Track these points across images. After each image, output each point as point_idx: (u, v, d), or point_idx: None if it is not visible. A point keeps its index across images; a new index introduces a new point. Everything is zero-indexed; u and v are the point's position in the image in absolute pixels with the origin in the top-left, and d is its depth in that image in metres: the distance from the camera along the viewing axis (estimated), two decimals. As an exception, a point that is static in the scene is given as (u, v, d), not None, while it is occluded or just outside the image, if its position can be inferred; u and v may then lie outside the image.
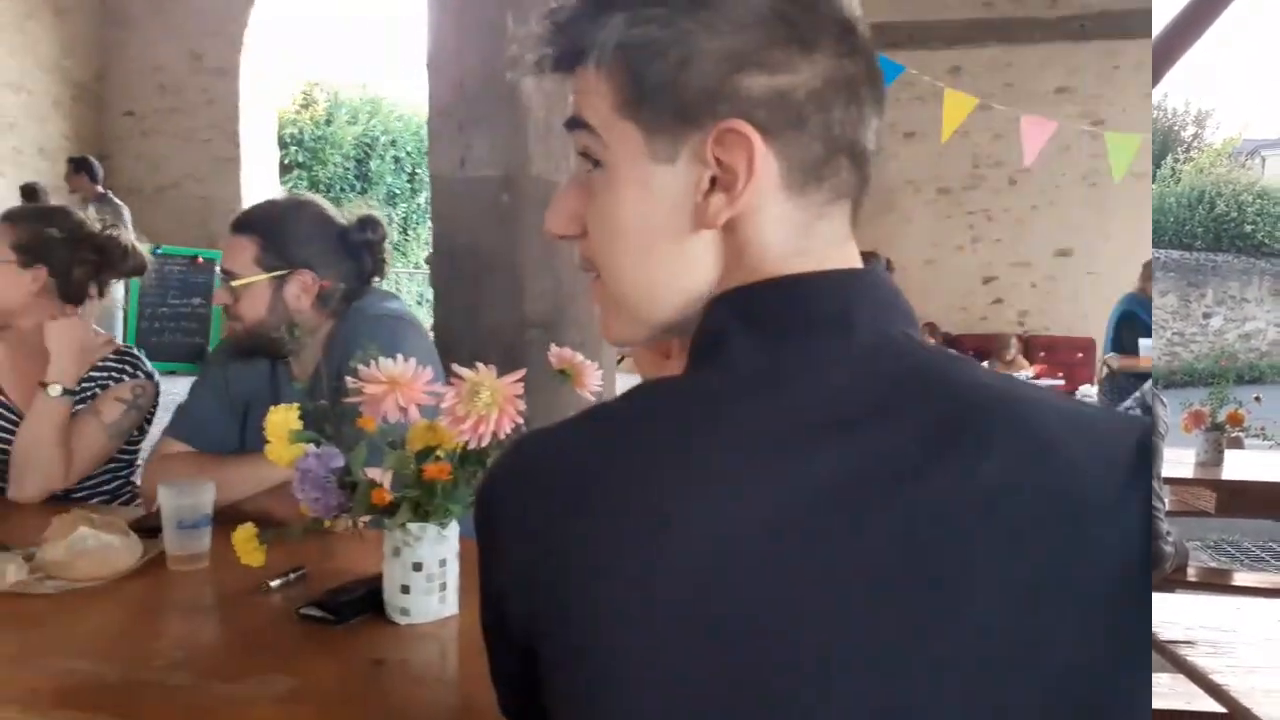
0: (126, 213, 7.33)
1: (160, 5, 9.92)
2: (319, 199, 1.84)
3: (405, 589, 1.23)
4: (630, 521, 0.52)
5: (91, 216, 2.00)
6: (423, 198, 14.16)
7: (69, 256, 1.91)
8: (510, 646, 0.59)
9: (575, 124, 0.64)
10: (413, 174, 13.89)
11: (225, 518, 1.49)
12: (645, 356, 0.77)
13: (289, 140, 12.25)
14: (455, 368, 1.16)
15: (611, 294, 0.66)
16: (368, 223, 1.77)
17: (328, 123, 13.02)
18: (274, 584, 1.35)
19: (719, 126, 0.58)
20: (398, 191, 13.74)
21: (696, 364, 0.61)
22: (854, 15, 0.61)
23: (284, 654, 1.15)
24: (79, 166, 7.50)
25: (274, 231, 1.70)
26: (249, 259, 1.68)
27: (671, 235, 0.61)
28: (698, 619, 0.51)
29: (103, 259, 1.95)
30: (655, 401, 0.58)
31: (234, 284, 1.67)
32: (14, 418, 1.93)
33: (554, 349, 1.26)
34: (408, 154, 13.85)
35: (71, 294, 1.94)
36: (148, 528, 1.52)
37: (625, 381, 0.87)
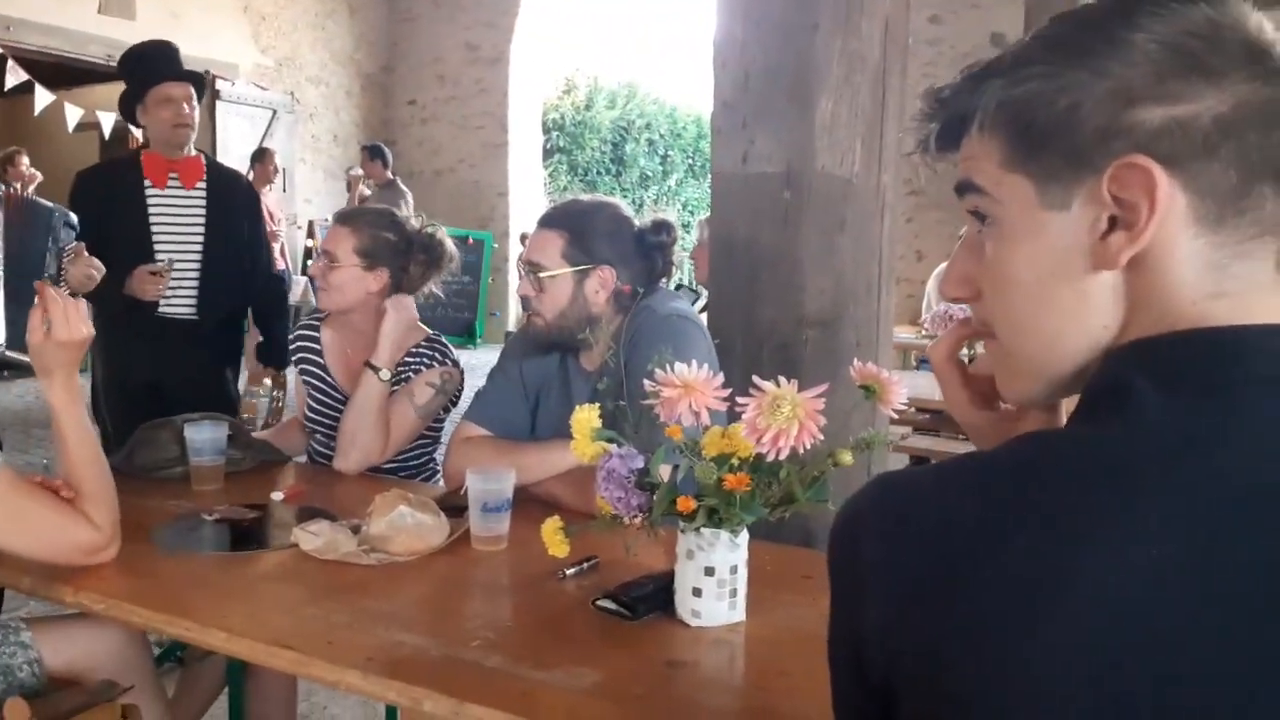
0: (409, 196, 7.95)
1: (442, 0, 10.63)
2: (619, 201, 1.91)
3: (697, 592, 1.25)
4: (1022, 577, 0.51)
5: (409, 218, 2.17)
6: (673, 179, 14.40)
7: (405, 259, 2.10)
8: (865, 687, 0.59)
9: (965, 188, 0.64)
10: (665, 157, 14.15)
11: (516, 499, 1.59)
12: (987, 427, 0.74)
13: (551, 125, 12.80)
14: (757, 380, 1.16)
15: (1010, 351, 0.65)
16: (662, 226, 1.83)
17: (587, 108, 13.50)
18: (569, 572, 1.41)
19: (1115, 163, 0.55)
20: (650, 174, 14.05)
21: (1091, 419, 0.58)
22: (1268, 39, 0.56)
23: (586, 645, 1.21)
24: (373, 153, 8.18)
25: (580, 228, 1.78)
26: (556, 253, 1.76)
27: (1069, 281, 0.59)
28: (1096, 686, 0.48)
29: (430, 259, 2.13)
30: (1047, 454, 0.56)
31: (541, 275, 1.76)
32: (339, 396, 2.15)
33: (857, 364, 1.23)
34: (660, 137, 14.12)
35: (406, 291, 2.13)
36: (451, 506, 1.63)
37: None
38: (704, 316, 2.07)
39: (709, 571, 1.24)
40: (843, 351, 2.02)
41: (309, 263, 8.84)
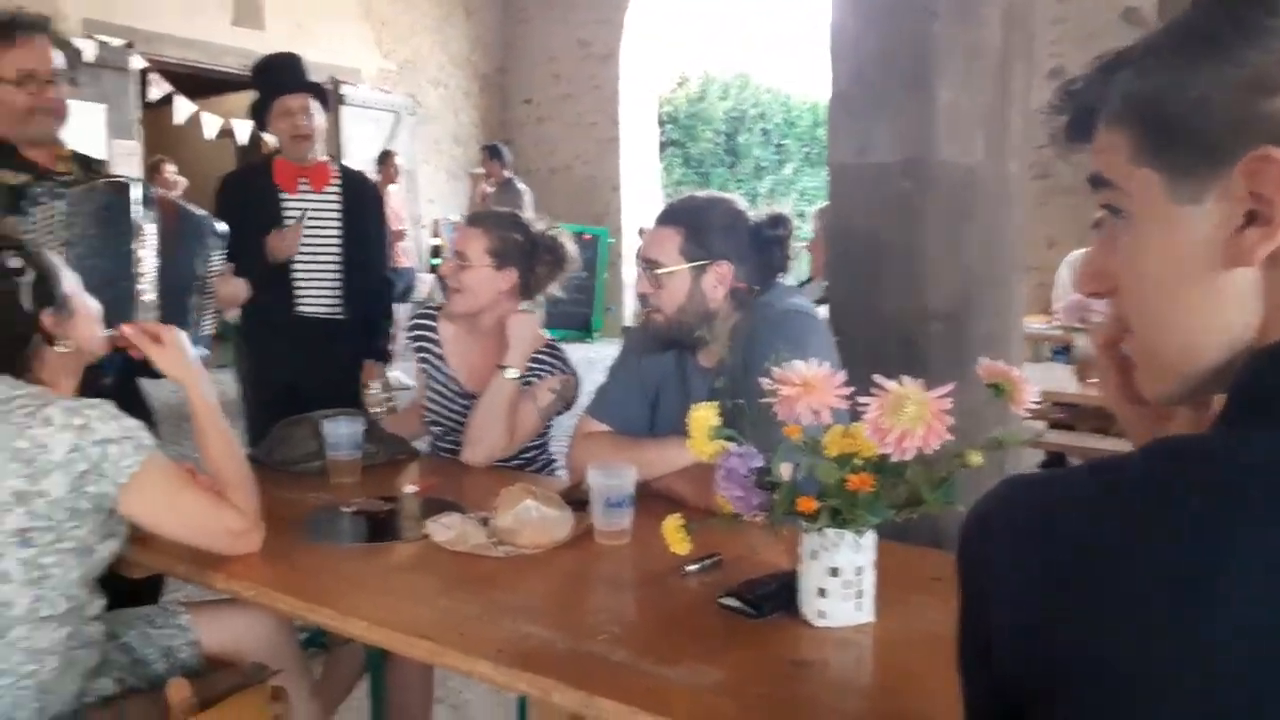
0: (527, 195, 8.10)
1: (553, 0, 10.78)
2: (734, 196, 1.91)
3: (822, 592, 1.24)
4: (1161, 590, 0.50)
5: (534, 220, 2.22)
6: (789, 168, 14.24)
7: (532, 259, 2.16)
8: (996, 690, 0.59)
9: (1097, 182, 0.63)
10: (780, 146, 14.00)
11: (637, 494, 1.61)
12: (1140, 420, 0.72)
13: (664, 119, 12.83)
14: (878, 379, 1.14)
15: (1146, 347, 0.63)
16: (779, 220, 1.82)
17: (700, 99, 13.47)
18: (691, 568, 1.42)
19: (1250, 156, 0.53)
20: (765, 164, 13.94)
21: (1238, 423, 0.55)
22: None
23: (710, 643, 1.22)
24: (492, 153, 8.37)
25: (697, 224, 1.78)
26: (674, 249, 1.78)
27: (1203, 278, 0.57)
28: (1237, 707, 0.47)
29: (554, 260, 2.18)
30: (1188, 462, 0.54)
31: (659, 271, 1.77)
32: (457, 389, 2.22)
33: (984, 361, 1.20)
34: (775, 126, 13.98)
35: (531, 291, 2.18)
36: (574, 500, 1.66)
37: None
38: (823, 310, 2.05)
39: (834, 572, 1.23)
40: (971, 345, 1.97)
41: (434, 261, 9.12)
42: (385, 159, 7.66)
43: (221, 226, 2.30)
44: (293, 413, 2.16)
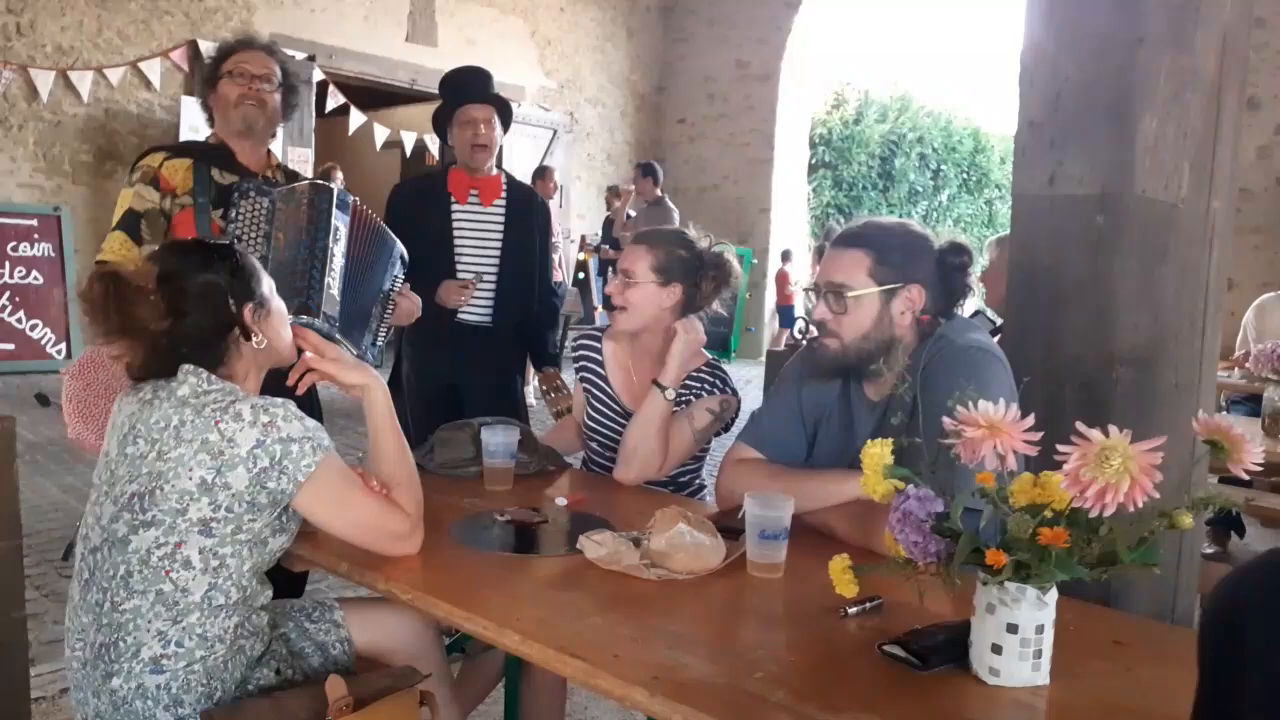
0: (676, 214, 8.13)
1: (715, 18, 10.83)
2: (914, 222, 1.84)
3: (997, 649, 1.16)
4: None
5: (699, 236, 2.20)
6: (945, 195, 13.85)
7: (698, 275, 2.14)
8: None
9: None
10: (937, 171, 13.64)
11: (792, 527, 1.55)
12: None
13: (817, 140, 12.70)
14: (1080, 426, 1.06)
15: None
16: (961, 248, 1.74)
17: (856, 122, 13.27)
18: (851, 610, 1.36)
19: None
20: (920, 189, 13.60)
21: None
22: None
23: (872, 691, 1.15)
24: (645, 171, 8.45)
25: (886, 246, 1.72)
26: (862, 272, 1.71)
27: None
28: None
29: (719, 276, 2.16)
30: None
31: (850, 294, 1.70)
32: (618, 408, 2.21)
33: (1201, 416, 1.10)
34: (933, 151, 13.63)
35: (696, 307, 2.16)
36: (725, 528, 1.62)
37: None
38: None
39: (1012, 629, 1.15)
40: (1159, 394, 1.83)
41: (579, 275, 9.26)
42: (544, 174, 7.83)
43: (403, 249, 2.40)
44: (450, 416, 2.21)
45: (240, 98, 2.25)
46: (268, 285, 1.57)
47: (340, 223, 2.15)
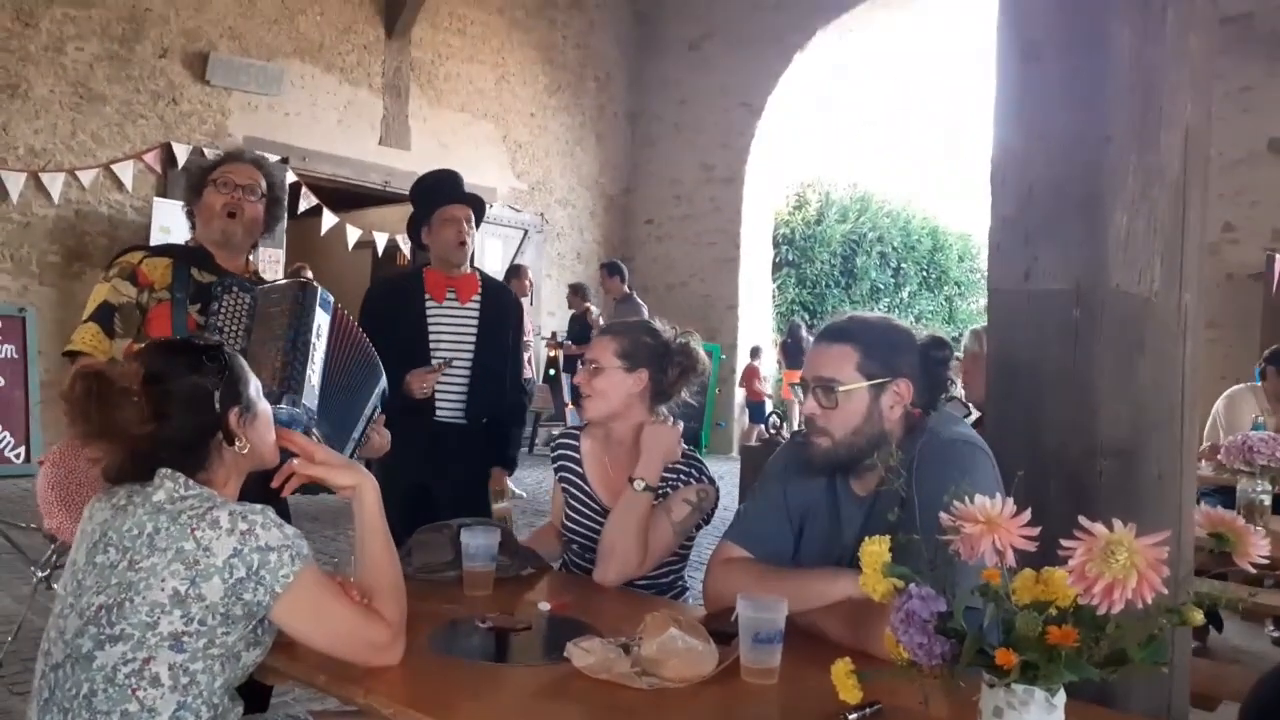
0: (645, 310, 8.20)
1: (681, 124, 11.14)
2: (895, 317, 1.86)
3: (1006, 754, 1.12)
4: None
5: (664, 326, 2.21)
6: (906, 292, 14.12)
7: (664, 361, 2.14)
8: None
9: None
10: (897, 269, 13.93)
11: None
12: None
13: (781, 239, 12.96)
14: (1083, 520, 1.05)
15: None
16: (942, 342, 1.75)
17: (818, 222, 13.59)
18: (852, 717, 1.31)
19: None
20: (882, 286, 13.86)
21: None
22: None
23: (882, 805, 1.10)
24: (611, 270, 8.56)
25: (873, 340, 1.72)
26: (850, 366, 1.70)
27: None
28: None
29: (686, 362, 2.16)
30: None
31: (841, 389, 1.69)
32: (596, 506, 2.18)
33: (1203, 508, 1.09)
34: (893, 249, 13.95)
35: (663, 395, 2.16)
36: (716, 631, 1.57)
37: None
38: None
39: (1021, 733, 1.11)
40: (1143, 486, 1.84)
41: (550, 372, 9.25)
42: (518, 272, 7.89)
43: (385, 385, 2.34)
44: (425, 518, 2.15)
45: (224, 206, 2.29)
46: (254, 388, 1.53)
47: (322, 320, 2.14)
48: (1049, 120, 1.88)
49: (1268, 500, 3.08)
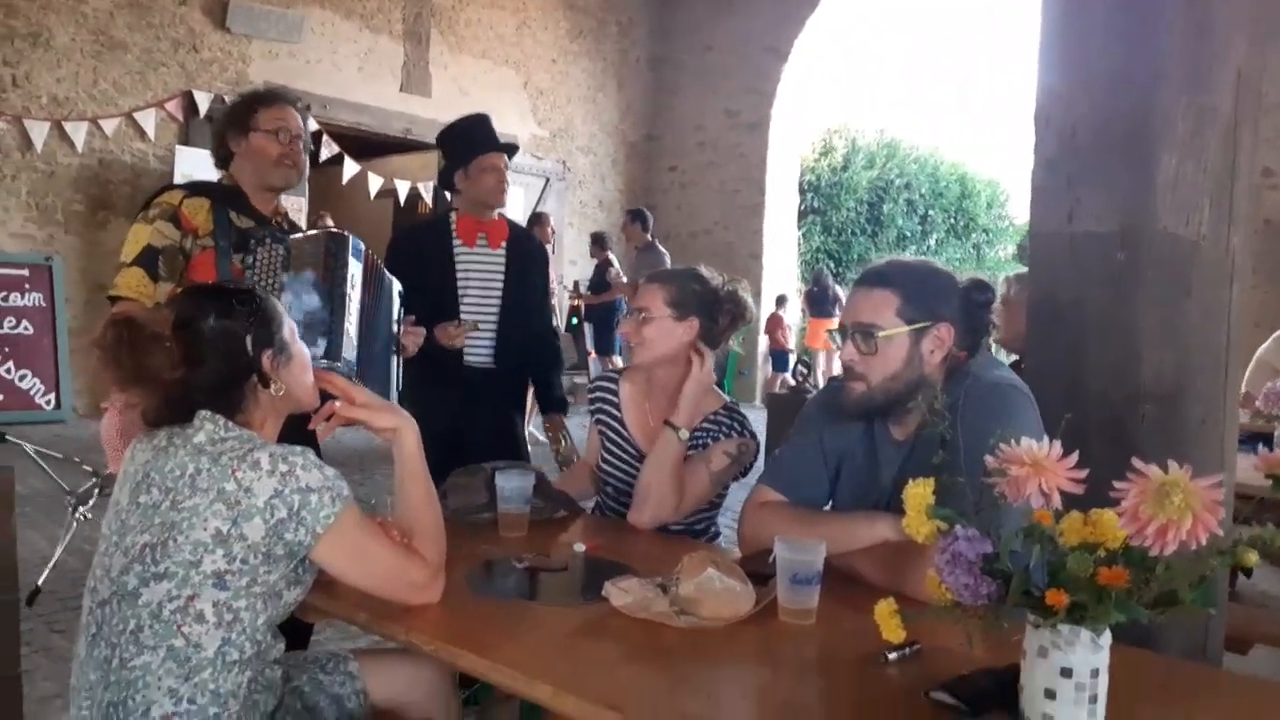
0: (667, 258, 8.15)
1: (704, 70, 10.97)
2: (936, 260, 1.83)
3: (1050, 694, 1.12)
4: None
5: (712, 274, 2.19)
6: (933, 239, 13.96)
7: (714, 309, 2.12)
8: None
9: None
10: (925, 216, 13.76)
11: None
12: None
13: (806, 187, 12.80)
14: (1136, 462, 1.03)
15: None
16: (984, 285, 1.72)
17: (844, 168, 13.40)
18: (891, 656, 1.32)
19: None
20: (908, 234, 13.71)
21: None
22: None
23: (925, 742, 1.11)
24: (634, 217, 8.49)
25: (916, 285, 1.70)
26: (891, 311, 1.68)
27: None
28: None
29: (735, 310, 2.14)
30: None
31: (881, 334, 1.68)
32: (633, 450, 2.17)
33: (1262, 451, 1.07)
34: (921, 196, 13.76)
35: (713, 342, 2.14)
36: (753, 573, 1.58)
37: None
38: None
39: (1066, 673, 1.11)
40: (1186, 430, 1.81)
41: (573, 320, 9.25)
42: (540, 220, 7.84)
43: (399, 286, 2.42)
44: (455, 461, 2.16)
45: (281, 157, 2.27)
46: (289, 330, 1.53)
47: (355, 270, 2.15)
48: (1096, 59, 1.83)
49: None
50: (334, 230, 2.22)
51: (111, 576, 1.37)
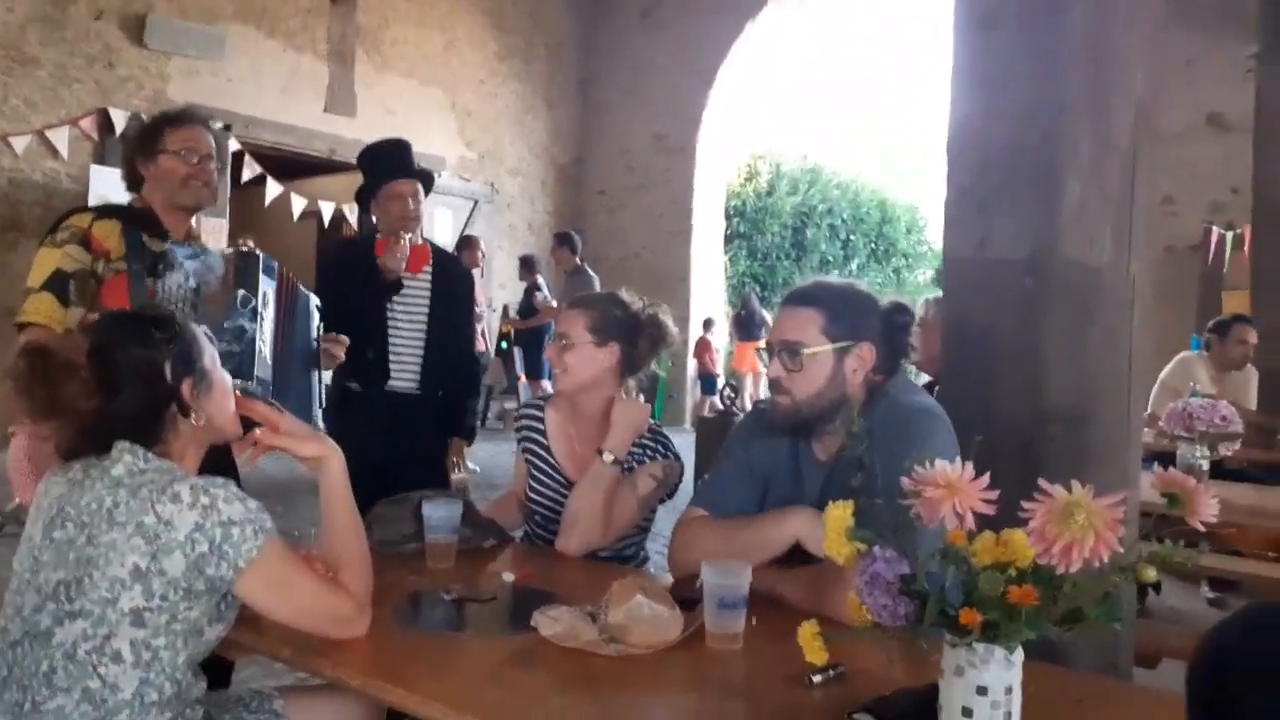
0: (596, 282, 8.17)
1: (632, 92, 11.06)
2: (860, 282, 1.88)
3: (967, 712, 1.15)
4: None
5: (633, 299, 2.21)
6: (855, 264, 14.25)
7: (634, 334, 2.15)
8: None
9: None
10: (846, 241, 14.04)
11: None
12: None
13: (732, 212, 12.98)
14: (1043, 483, 1.08)
15: None
16: (904, 308, 1.78)
17: (769, 193, 13.62)
18: (816, 679, 1.34)
19: None
20: (831, 259, 13.97)
21: None
22: None
23: (848, 762, 1.13)
24: (562, 241, 8.50)
25: (840, 305, 1.75)
26: (816, 329, 1.72)
27: None
28: None
29: (656, 334, 2.17)
30: None
31: (806, 351, 1.71)
32: (560, 478, 2.18)
33: (1157, 470, 1.13)
34: (843, 221, 14.05)
35: (634, 368, 2.16)
36: (680, 598, 1.59)
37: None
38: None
39: (982, 691, 1.14)
40: (1091, 451, 1.89)
41: (502, 344, 9.20)
42: (469, 244, 7.79)
43: (316, 300, 2.45)
44: (383, 490, 2.14)
45: (188, 178, 2.24)
46: (209, 357, 1.50)
47: (268, 288, 2.16)
48: (1005, 90, 1.91)
49: (1206, 465, 3.18)
50: (245, 250, 2.23)
51: (23, 616, 1.33)
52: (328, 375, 3.10)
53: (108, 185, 7.20)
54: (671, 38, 10.62)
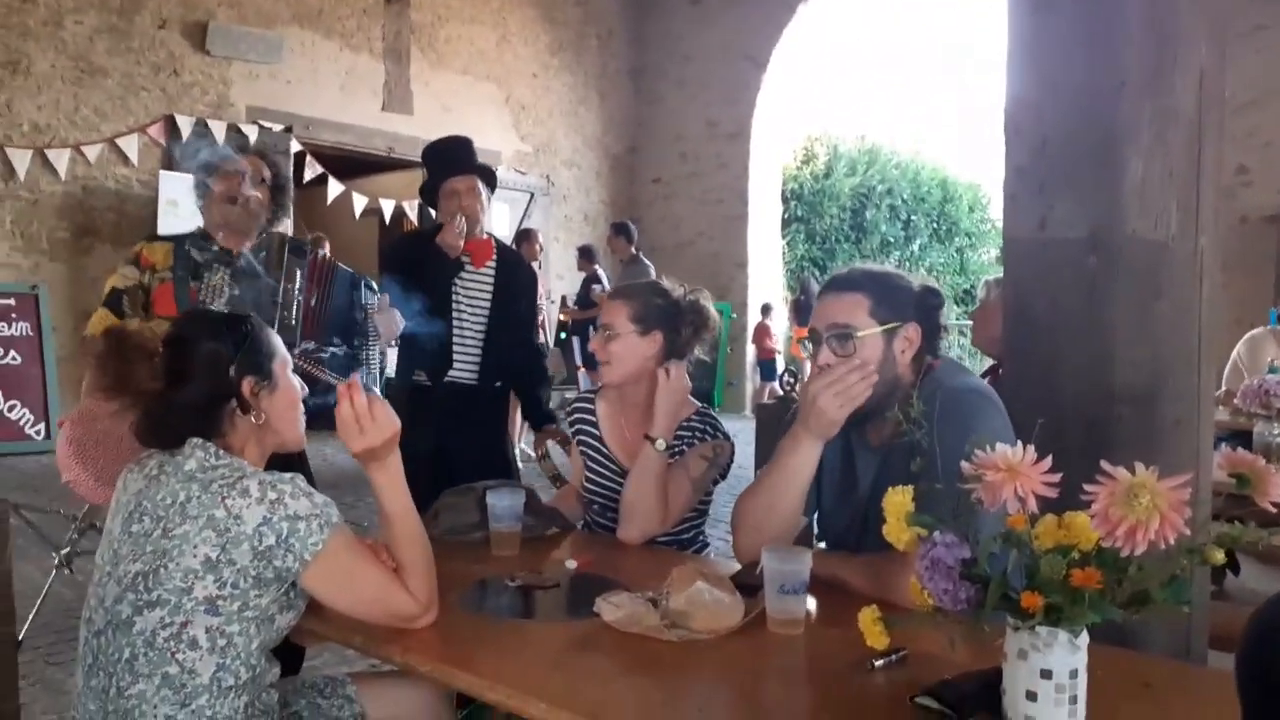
0: (652, 270, 8.18)
1: (684, 81, 11.03)
2: (890, 267, 1.88)
3: (1031, 696, 1.14)
4: None
5: (673, 285, 2.22)
6: (916, 245, 14.03)
7: (676, 322, 2.15)
8: None
9: None
10: (907, 221, 13.83)
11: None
12: None
13: (789, 195, 12.86)
14: (1104, 465, 1.06)
15: None
16: (935, 290, 1.79)
17: (826, 175, 13.46)
18: (879, 663, 1.34)
19: None
20: (892, 240, 13.77)
21: None
22: None
23: (911, 746, 1.13)
24: (618, 230, 8.52)
25: (884, 287, 1.74)
26: (863, 313, 1.72)
27: None
28: None
29: (698, 320, 2.17)
30: None
31: (859, 335, 1.70)
32: (615, 467, 2.20)
33: (1224, 450, 1.10)
34: (903, 202, 13.83)
35: (678, 355, 2.17)
36: (742, 584, 1.60)
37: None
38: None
39: (1046, 674, 1.13)
40: (1161, 430, 1.85)
41: (561, 335, 9.27)
42: (528, 237, 7.84)
43: (370, 280, 2.68)
44: (439, 479, 2.18)
45: (222, 193, 2.48)
46: (281, 362, 1.54)
47: (295, 266, 2.47)
48: (1062, 68, 1.87)
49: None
50: (275, 231, 2.55)
51: (106, 606, 1.39)
52: (390, 367, 3.19)
53: (176, 190, 7.42)
54: (722, 23, 10.55)
